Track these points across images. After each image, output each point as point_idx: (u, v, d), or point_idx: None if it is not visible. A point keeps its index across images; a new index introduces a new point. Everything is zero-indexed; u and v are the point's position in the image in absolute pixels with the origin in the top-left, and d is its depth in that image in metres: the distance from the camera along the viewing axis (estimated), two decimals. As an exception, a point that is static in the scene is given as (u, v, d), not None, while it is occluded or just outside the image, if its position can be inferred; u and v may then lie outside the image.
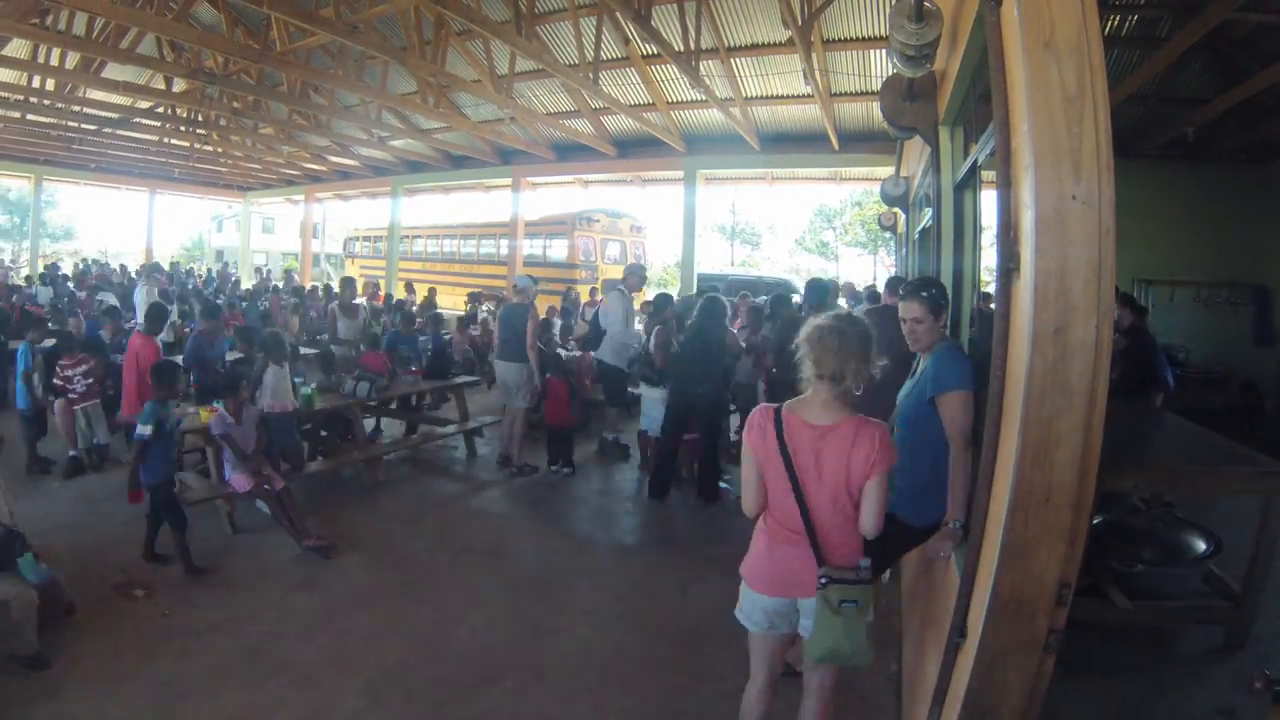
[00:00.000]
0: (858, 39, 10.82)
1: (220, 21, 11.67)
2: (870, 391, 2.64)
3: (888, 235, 13.91)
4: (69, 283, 17.85)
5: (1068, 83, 1.97)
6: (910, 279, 5.72)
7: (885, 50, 6.10)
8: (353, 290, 10.05)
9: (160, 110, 16.14)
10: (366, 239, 29.75)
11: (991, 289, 2.83)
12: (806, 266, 44.37)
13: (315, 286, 20.24)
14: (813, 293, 7.17)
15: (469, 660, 4.08)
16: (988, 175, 3.92)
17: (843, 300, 12.42)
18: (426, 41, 11.35)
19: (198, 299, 13.58)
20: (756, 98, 13.46)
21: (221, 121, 17.00)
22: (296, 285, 20.17)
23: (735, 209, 50.07)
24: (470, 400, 9.02)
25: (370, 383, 7.42)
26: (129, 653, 3.97)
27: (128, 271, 21.11)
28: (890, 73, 4.44)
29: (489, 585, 5.07)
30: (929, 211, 5.65)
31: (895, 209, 9.69)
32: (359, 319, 9.65)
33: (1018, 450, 2.05)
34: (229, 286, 18.96)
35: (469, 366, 11.10)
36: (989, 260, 3.21)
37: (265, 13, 9.30)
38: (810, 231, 49.30)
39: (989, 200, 4.09)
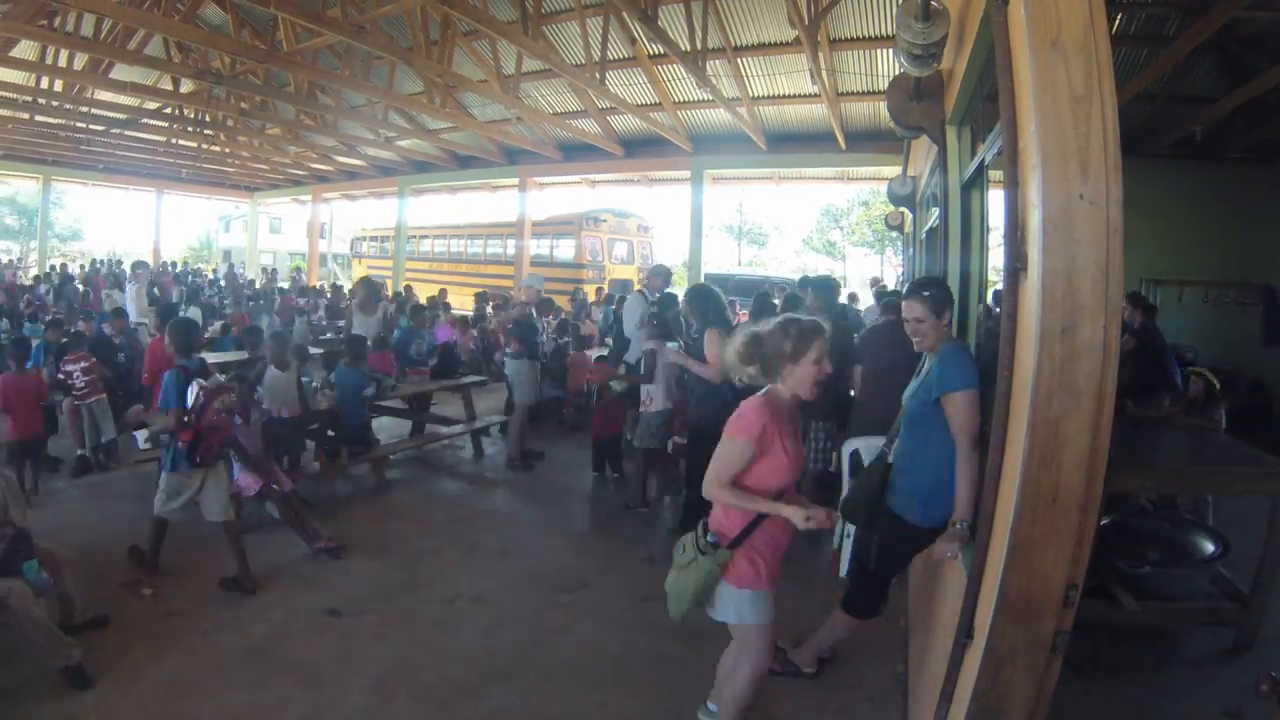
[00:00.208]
0: (864, 38, 10.82)
1: (227, 22, 11.74)
2: (877, 393, 2.65)
3: (895, 235, 13.88)
4: (76, 282, 17.92)
5: (1075, 82, 1.96)
6: (913, 280, 5.72)
7: (892, 50, 6.08)
8: (368, 290, 9.98)
9: (168, 111, 16.23)
10: (373, 239, 29.80)
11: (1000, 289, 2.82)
12: (814, 266, 44.31)
13: (322, 285, 20.28)
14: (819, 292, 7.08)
15: (475, 660, 4.08)
16: (995, 175, 3.90)
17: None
18: (433, 41, 11.38)
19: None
20: (763, 97, 13.47)
21: (229, 122, 17.07)
22: (303, 286, 20.23)
23: (742, 209, 50.19)
24: (477, 400, 9.04)
25: (377, 383, 7.45)
26: (136, 651, 3.98)
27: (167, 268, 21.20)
28: (897, 72, 4.43)
29: (495, 585, 5.07)
30: (936, 211, 5.63)
31: (902, 209, 9.67)
32: (375, 316, 9.63)
33: (1025, 450, 2.04)
34: (238, 288, 19.00)
35: (475, 366, 11.12)
36: (996, 260, 3.20)
37: (272, 13, 9.34)
38: (817, 231, 49.35)
39: (996, 200, 4.08)
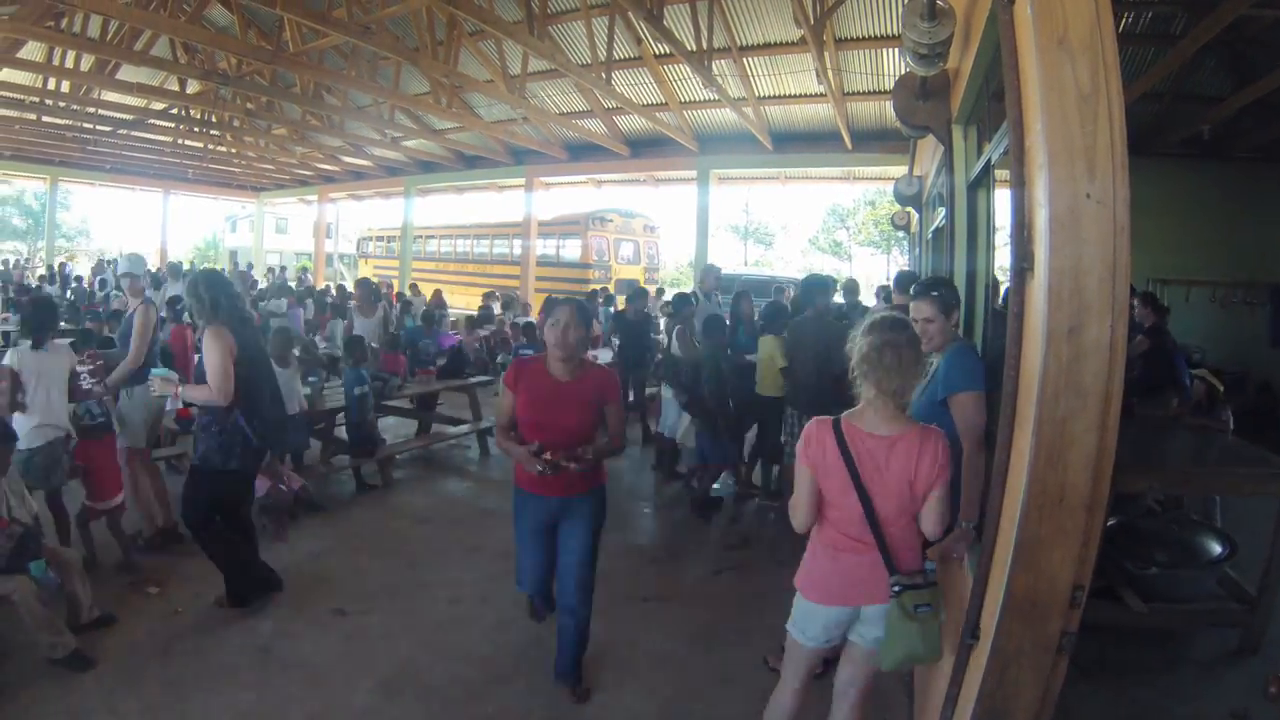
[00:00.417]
0: (870, 38, 10.80)
1: (233, 23, 11.76)
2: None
3: (901, 235, 13.87)
4: (81, 282, 18.00)
5: (1081, 81, 1.95)
6: (922, 278, 5.70)
7: (898, 49, 6.08)
8: (367, 290, 10.03)
9: (174, 111, 16.29)
10: (380, 239, 29.88)
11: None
12: (820, 266, 44.24)
13: (328, 286, 20.30)
14: (809, 293, 6.90)
15: (480, 659, 4.09)
16: (1001, 174, 3.91)
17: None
18: (439, 42, 11.39)
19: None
20: (769, 97, 13.45)
21: (235, 122, 17.11)
22: (309, 285, 20.25)
23: (748, 208, 50.13)
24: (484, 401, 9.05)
25: (384, 382, 7.46)
26: (141, 649, 3.99)
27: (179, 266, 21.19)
28: (903, 71, 4.43)
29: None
30: (942, 211, 5.63)
31: (908, 208, 9.67)
32: (376, 317, 9.66)
33: (1031, 451, 2.04)
34: (247, 288, 19.01)
35: (481, 366, 11.13)
36: (1003, 260, 3.20)
37: (278, 14, 9.37)
38: (823, 231, 49.28)
39: (1003, 199, 4.08)
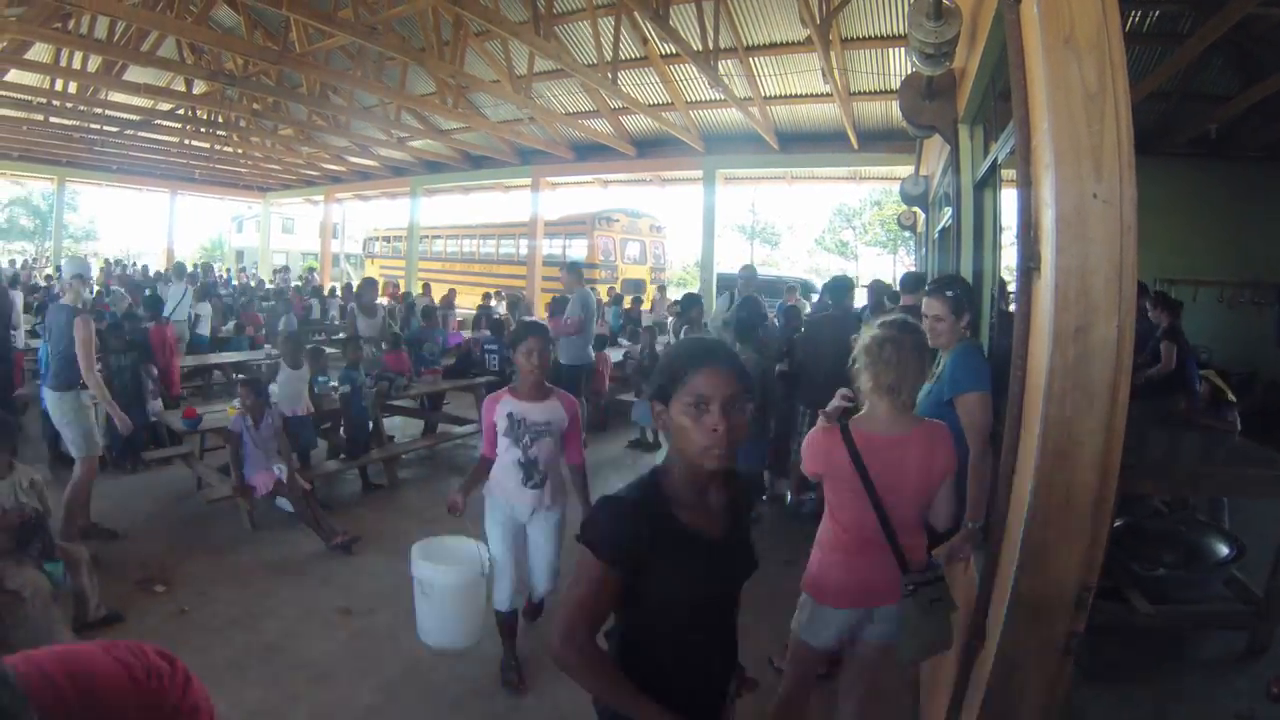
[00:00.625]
0: (876, 37, 10.77)
1: (239, 24, 11.80)
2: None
3: (907, 235, 13.82)
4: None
5: (1088, 80, 1.95)
6: (934, 277, 5.69)
7: (904, 48, 6.08)
8: (373, 291, 10.08)
9: (181, 112, 16.30)
10: (386, 239, 29.93)
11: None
12: (826, 266, 44.22)
13: (334, 286, 20.34)
14: (833, 293, 7.01)
15: (486, 659, 4.09)
16: (1008, 174, 3.89)
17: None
18: (445, 42, 11.39)
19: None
20: (775, 97, 13.42)
21: (241, 123, 17.13)
22: (316, 285, 20.29)
23: (755, 208, 50.07)
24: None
25: (390, 382, 7.48)
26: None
27: (148, 272, 21.29)
28: (909, 71, 4.42)
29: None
30: (949, 210, 5.61)
31: (915, 208, 9.63)
32: (378, 318, 9.69)
33: (1038, 451, 2.03)
34: (251, 289, 19.09)
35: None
36: (1009, 259, 3.19)
37: (284, 15, 9.37)
38: (830, 231, 49.22)
39: (1009, 199, 4.07)
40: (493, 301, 15.89)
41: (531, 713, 3.64)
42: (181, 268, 15.64)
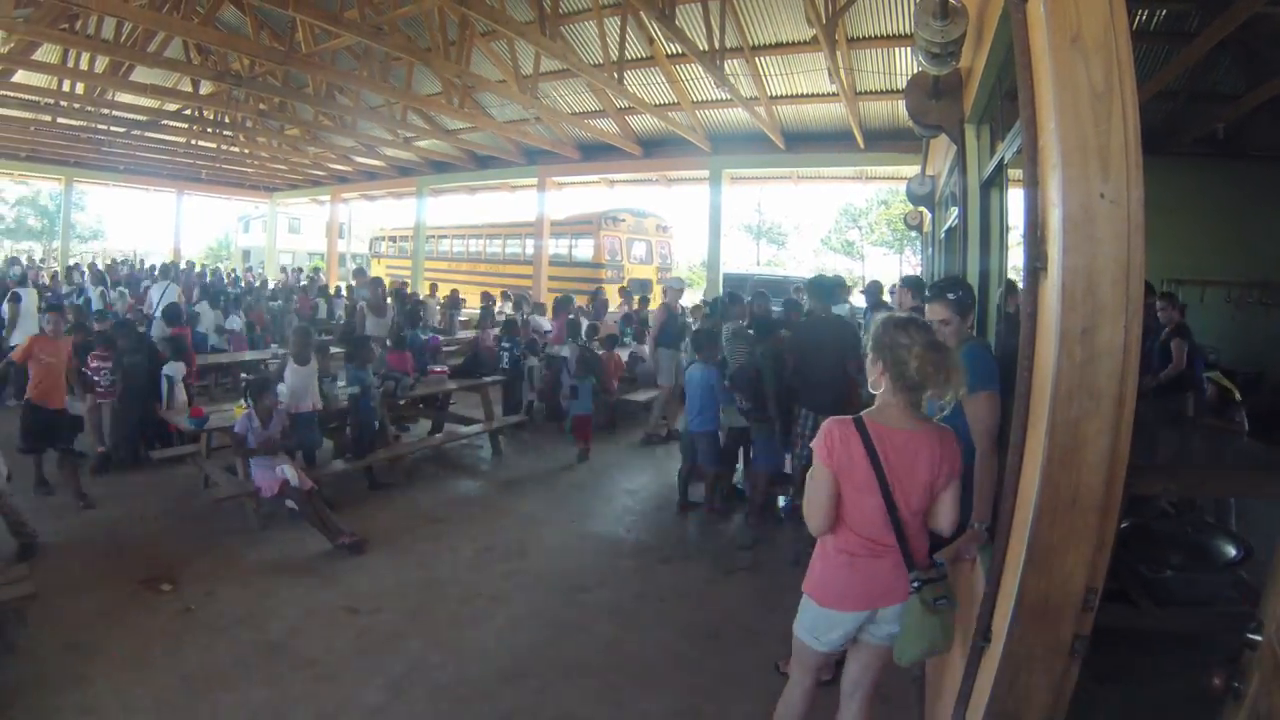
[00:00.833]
0: (882, 37, 10.75)
1: (246, 24, 11.82)
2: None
3: (913, 235, 13.82)
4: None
5: (1095, 79, 1.94)
6: (935, 280, 5.67)
7: (910, 48, 6.05)
8: (382, 290, 10.10)
9: (187, 112, 16.38)
10: (392, 239, 29.95)
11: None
12: (832, 266, 44.15)
13: (340, 286, 20.37)
14: (817, 294, 6.75)
15: (491, 658, 4.09)
16: (1014, 173, 3.88)
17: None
18: (451, 42, 11.40)
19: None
20: (781, 96, 13.42)
21: (248, 123, 17.17)
22: (322, 285, 20.30)
23: (761, 208, 50.09)
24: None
25: (396, 382, 7.49)
26: (154, 645, 4.03)
27: (154, 271, 21.36)
28: (915, 70, 4.41)
29: (512, 584, 5.08)
30: (955, 210, 5.60)
31: (921, 208, 9.63)
32: (387, 317, 9.71)
33: (1044, 452, 2.03)
34: (257, 289, 19.11)
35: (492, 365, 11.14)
36: (1016, 260, 3.18)
37: (290, 15, 9.38)
38: (836, 231, 49.12)
39: (1016, 199, 4.05)
40: (497, 305, 15.85)
41: (536, 712, 3.64)
42: (167, 268, 15.73)
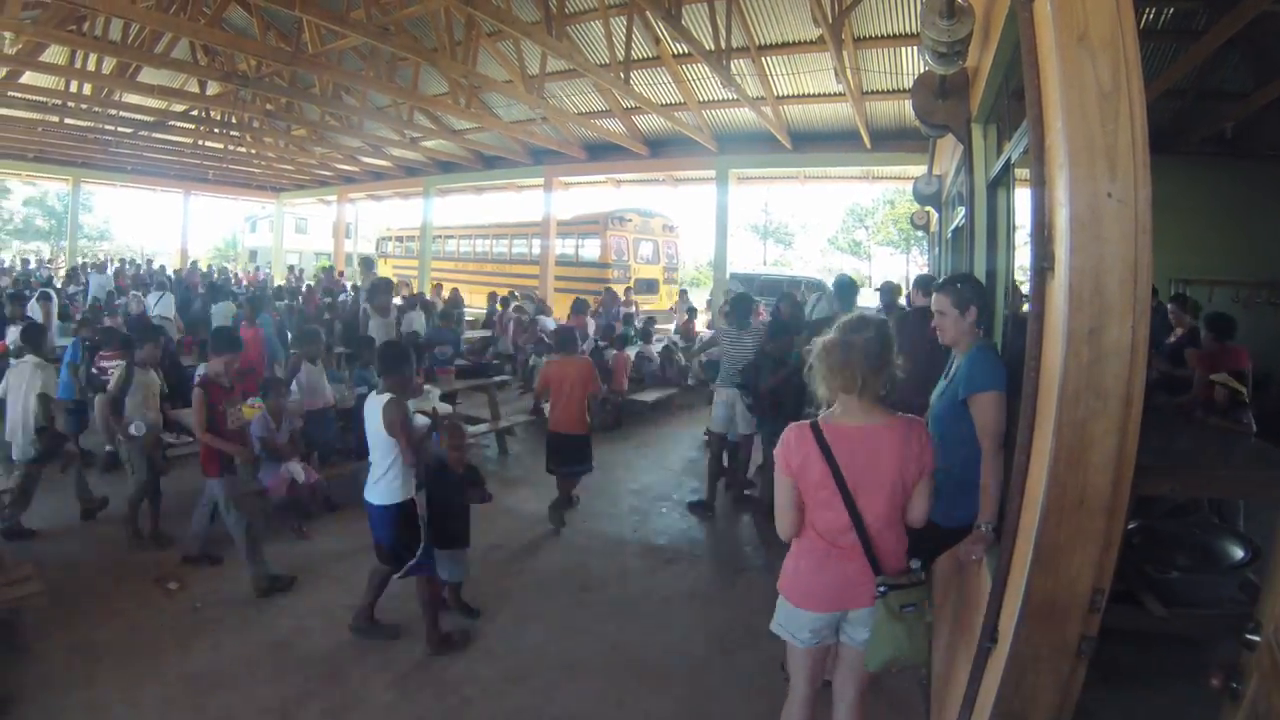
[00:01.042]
0: (889, 36, 10.73)
1: (252, 25, 11.84)
2: (905, 392, 2.62)
3: (920, 234, 13.80)
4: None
5: (1102, 78, 1.93)
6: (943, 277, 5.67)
7: (917, 47, 6.05)
8: (388, 292, 10.08)
9: (194, 113, 16.41)
10: (399, 239, 30.04)
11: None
12: (839, 266, 44.10)
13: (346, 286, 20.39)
14: (841, 293, 7.01)
15: (497, 657, 4.10)
16: (1021, 173, 3.87)
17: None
18: (457, 42, 11.40)
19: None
20: (788, 96, 13.40)
21: (255, 123, 17.22)
22: (329, 285, 20.34)
23: (767, 208, 50.05)
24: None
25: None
26: (162, 644, 4.04)
27: (164, 271, 21.45)
28: (922, 70, 4.40)
29: (518, 583, 5.09)
30: (962, 210, 5.59)
31: (928, 208, 9.60)
32: (390, 318, 9.71)
33: (1051, 453, 2.02)
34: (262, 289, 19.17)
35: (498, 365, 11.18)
36: (1023, 259, 3.18)
37: (297, 16, 9.41)
38: (842, 231, 49.11)
39: (1023, 198, 4.04)
40: (500, 305, 15.85)
41: (541, 711, 3.64)
42: (164, 280, 15.83)
